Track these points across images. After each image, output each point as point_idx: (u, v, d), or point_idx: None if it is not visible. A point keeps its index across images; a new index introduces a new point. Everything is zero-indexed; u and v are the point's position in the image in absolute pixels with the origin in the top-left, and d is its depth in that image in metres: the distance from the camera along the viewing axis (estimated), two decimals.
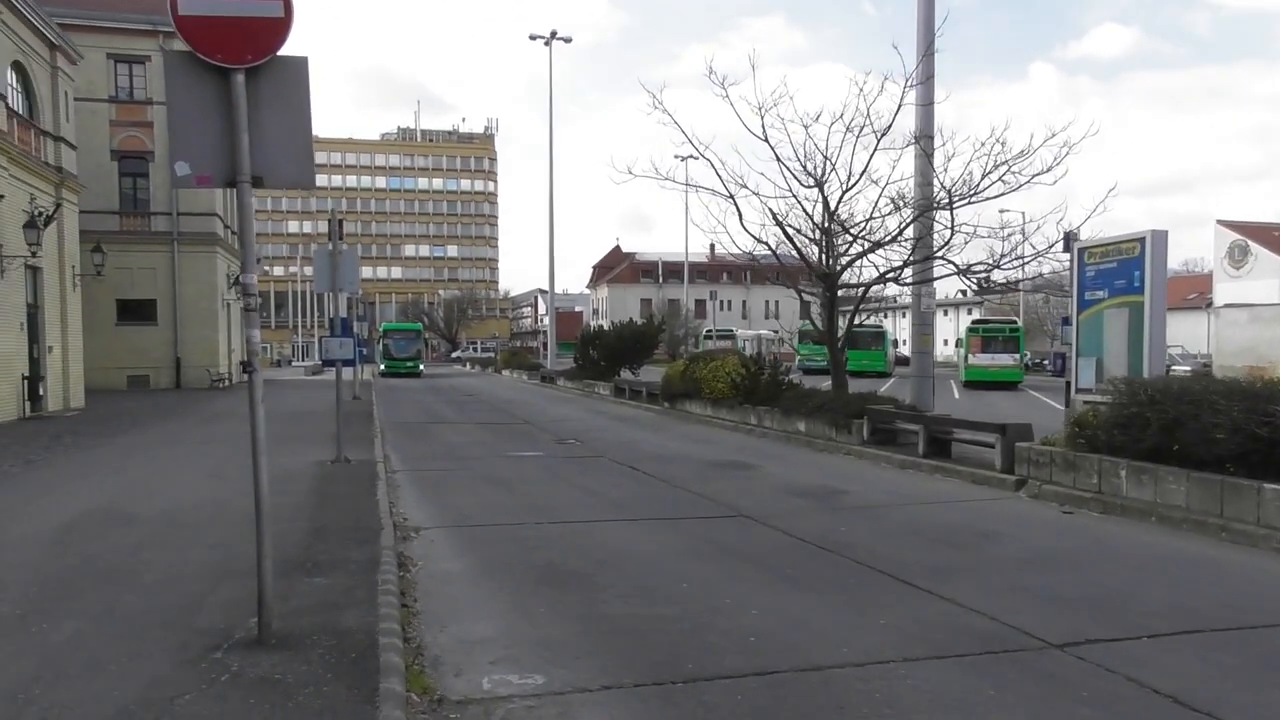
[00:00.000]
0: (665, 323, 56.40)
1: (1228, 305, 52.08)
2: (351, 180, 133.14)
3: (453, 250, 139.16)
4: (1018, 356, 41.15)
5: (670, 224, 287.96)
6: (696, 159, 41.29)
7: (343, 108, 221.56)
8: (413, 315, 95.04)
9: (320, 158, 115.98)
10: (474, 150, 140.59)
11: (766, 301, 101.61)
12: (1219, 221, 62.25)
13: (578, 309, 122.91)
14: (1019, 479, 11.83)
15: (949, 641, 5.86)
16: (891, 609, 6.61)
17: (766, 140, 17.42)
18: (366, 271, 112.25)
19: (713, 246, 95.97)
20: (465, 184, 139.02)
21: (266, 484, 5.49)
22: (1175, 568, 7.91)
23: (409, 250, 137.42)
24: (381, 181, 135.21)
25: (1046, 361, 60.20)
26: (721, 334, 62.35)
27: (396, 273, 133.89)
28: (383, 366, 51.54)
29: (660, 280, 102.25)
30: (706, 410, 22.60)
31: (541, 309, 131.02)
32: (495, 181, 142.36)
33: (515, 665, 5.44)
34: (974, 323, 44.55)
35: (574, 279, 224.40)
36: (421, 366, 55.30)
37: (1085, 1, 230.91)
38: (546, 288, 55.82)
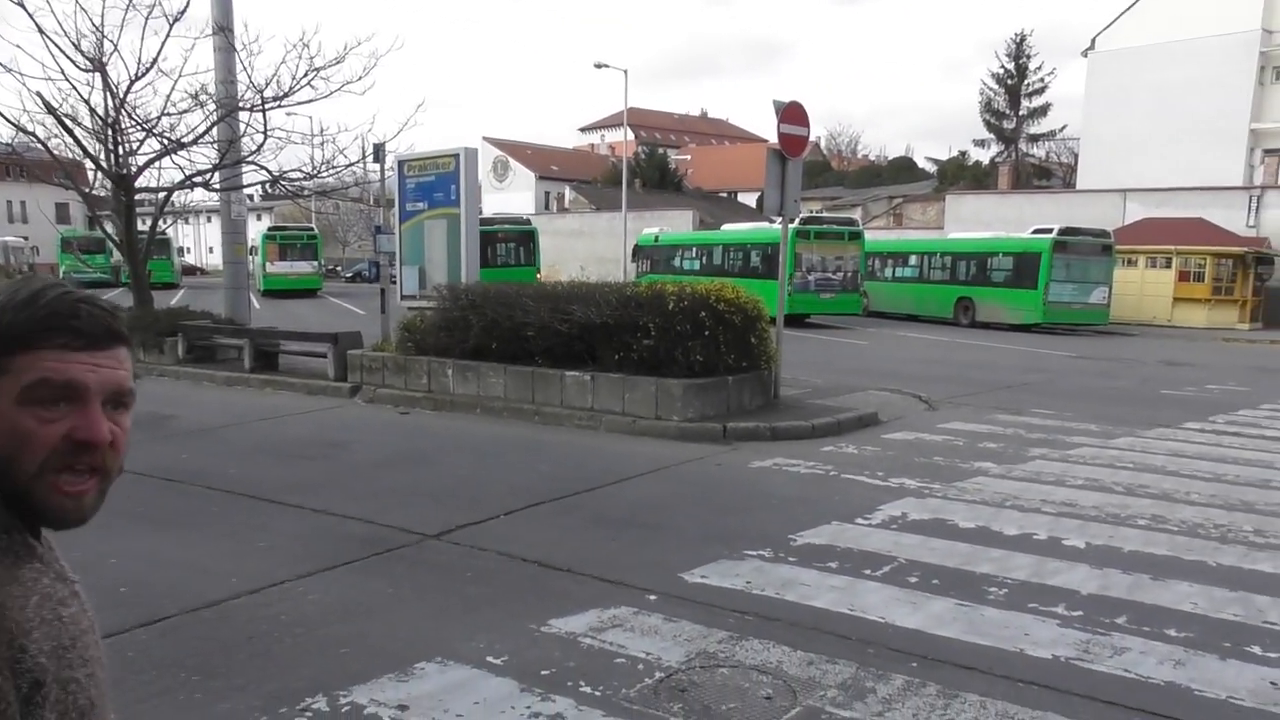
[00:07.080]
0: None
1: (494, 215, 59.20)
2: None
3: None
4: (317, 264, 41.63)
5: None
6: None
7: None
8: None
9: None
10: None
11: (9, 202, 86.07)
12: (484, 138, 69.78)
13: None
14: (353, 386, 12.21)
15: (335, 551, 5.97)
16: (267, 530, 6.47)
17: (22, 5, 14.32)
18: None
19: None
20: None
21: None
22: (506, 450, 9.05)
23: None
24: None
25: (340, 268, 62.18)
26: None
27: None
28: None
29: None
30: None
31: None
32: None
33: None
34: (270, 229, 43.61)
35: None
36: None
37: None
38: None
